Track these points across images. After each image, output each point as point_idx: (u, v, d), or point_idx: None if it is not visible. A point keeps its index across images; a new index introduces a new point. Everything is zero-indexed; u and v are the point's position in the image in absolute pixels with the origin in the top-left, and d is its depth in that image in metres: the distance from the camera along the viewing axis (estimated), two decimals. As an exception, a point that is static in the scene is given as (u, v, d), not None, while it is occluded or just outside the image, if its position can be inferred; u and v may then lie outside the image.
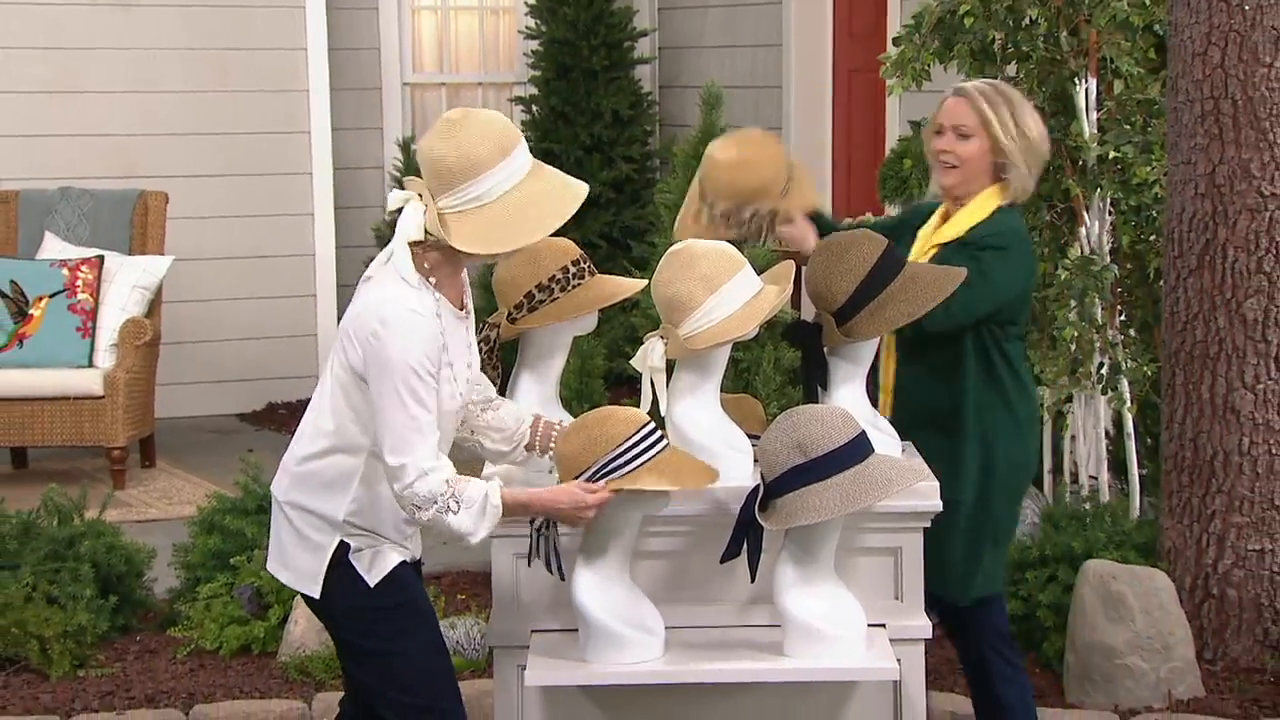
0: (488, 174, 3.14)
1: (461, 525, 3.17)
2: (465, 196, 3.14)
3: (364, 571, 3.27)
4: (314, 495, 3.27)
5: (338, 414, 3.24)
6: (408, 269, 3.16)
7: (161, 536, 5.73)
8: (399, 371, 3.11)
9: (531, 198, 3.18)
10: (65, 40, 8.13)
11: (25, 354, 7.05)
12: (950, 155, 3.82)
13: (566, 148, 9.04)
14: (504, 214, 3.15)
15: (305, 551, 3.29)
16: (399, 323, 3.12)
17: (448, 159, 3.13)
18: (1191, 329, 4.80)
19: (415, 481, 3.14)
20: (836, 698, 3.48)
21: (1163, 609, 4.56)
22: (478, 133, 3.15)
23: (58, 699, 4.71)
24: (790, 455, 3.28)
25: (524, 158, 3.21)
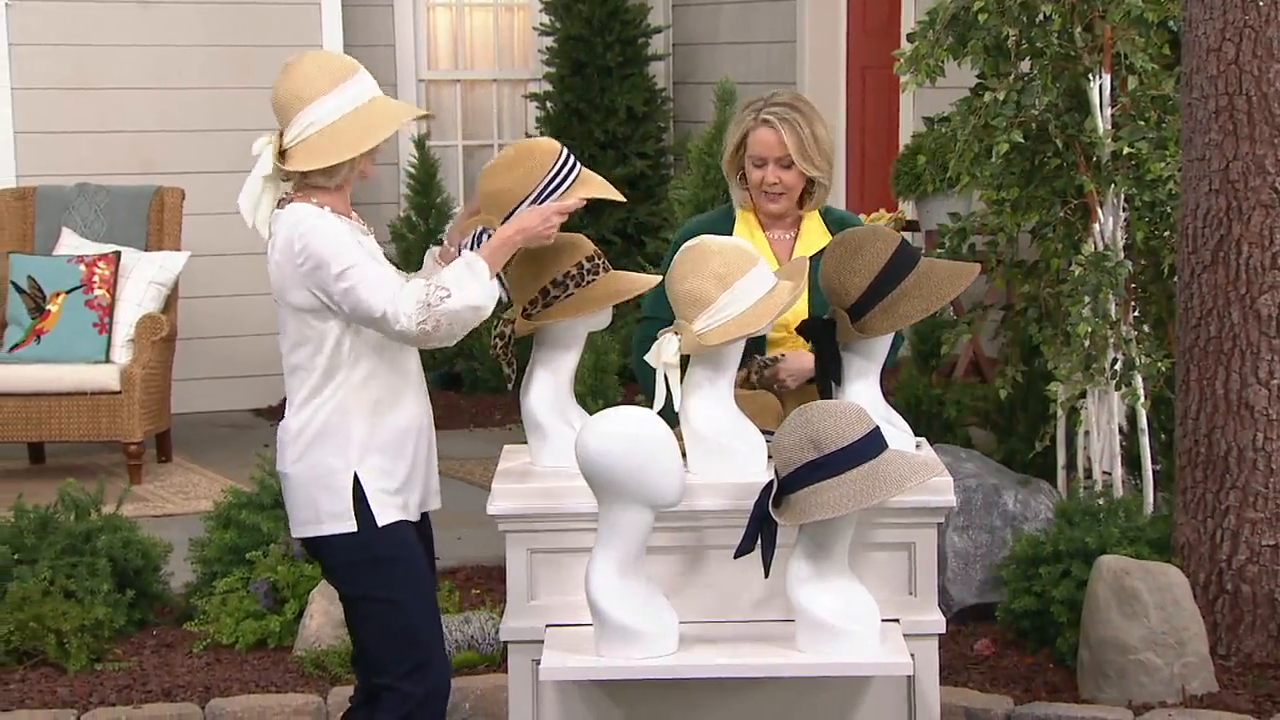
0: (316, 103, 3.39)
1: (463, 299, 3.34)
2: (300, 126, 3.41)
3: (376, 510, 3.42)
4: (316, 447, 3.43)
5: (310, 368, 3.42)
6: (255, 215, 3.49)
7: (178, 531, 5.76)
8: (333, 256, 3.35)
9: (364, 117, 3.40)
10: (84, 37, 8.16)
11: (42, 349, 7.08)
12: (778, 185, 4.05)
13: (581, 144, 9.05)
14: (334, 133, 3.39)
15: (325, 498, 3.44)
16: (310, 228, 3.38)
17: (280, 97, 3.43)
18: (1205, 325, 4.80)
19: (398, 306, 3.31)
20: (850, 693, 3.49)
21: (1177, 604, 4.56)
22: (304, 69, 3.42)
23: (75, 693, 4.73)
24: (804, 451, 3.29)
25: (359, 88, 3.42)
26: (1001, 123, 5.21)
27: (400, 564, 3.46)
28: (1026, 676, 4.77)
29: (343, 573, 3.52)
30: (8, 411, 6.96)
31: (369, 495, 3.43)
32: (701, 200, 6.18)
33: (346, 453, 3.43)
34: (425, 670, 3.49)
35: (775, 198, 4.07)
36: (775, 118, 4.03)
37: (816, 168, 4.06)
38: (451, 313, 3.34)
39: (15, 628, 4.85)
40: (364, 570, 3.47)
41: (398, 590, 3.46)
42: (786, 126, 4.02)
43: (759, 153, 4.06)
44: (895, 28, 8.48)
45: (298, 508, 3.51)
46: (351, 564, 3.48)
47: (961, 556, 5.19)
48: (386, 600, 3.47)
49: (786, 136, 4.02)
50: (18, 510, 5.23)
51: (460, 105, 9.60)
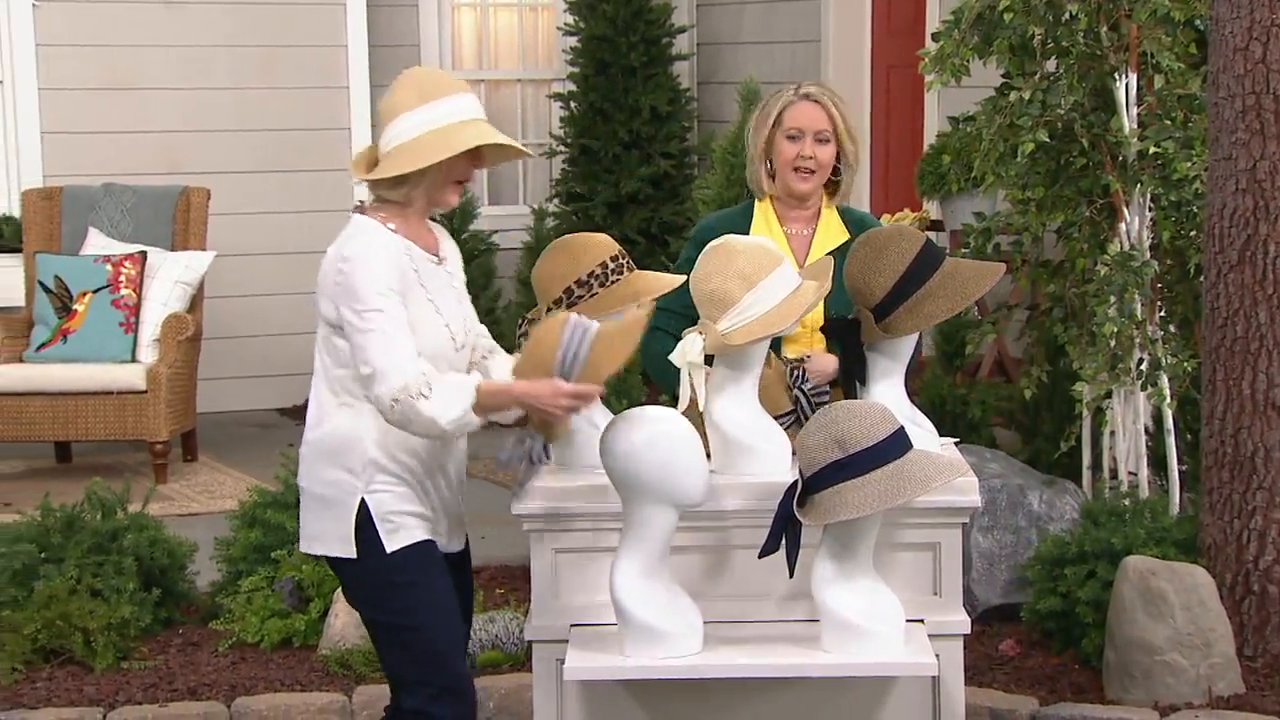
0: (403, 116, 3.35)
1: (432, 409, 3.21)
2: (388, 137, 3.38)
3: (384, 535, 3.34)
4: (328, 465, 3.36)
5: (330, 380, 3.36)
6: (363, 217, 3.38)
7: (203, 530, 5.78)
8: (364, 293, 3.26)
9: (440, 137, 3.34)
10: (110, 38, 8.19)
11: (69, 349, 7.11)
12: (813, 161, 4.00)
13: (605, 144, 9.06)
14: (405, 149, 3.33)
15: (330, 518, 3.37)
16: (358, 252, 3.31)
17: (379, 108, 3.43)
18: (1232, 324, 4.78)
19: (389, 378, 3.22)
20: (875, 693, 3.49)
21: (1203, 605, 4.55)
22: (403, 82, 3.40)
23: (101, 691, 4.75)
24: (829, 451, 3.28)
25: (452, 107, 3.36)
26: (1027, 122, 5.19)
27: (416, 587, 3.37)
28: (1052, 677, 4.76)
29: (356, 594, 3.46)
30: (35, 411, 6.99)
31: (376, 520, 3.34)
32: (725, 200, 6.18)
33: (356, 474, 3.35)
34: (452, 694, 3.41)
35: (807, 175, 4.01)
36: (817, 93, 4.04)
37: (854, 141, 4.05)
38: (415, 412, 3.21)
39: (42, 626, 4.88)
40: (378, 593, 3.39)
41: (415, 614, 3.37)
42: (830, 101, 4.02)
43: (798, 124, 4.01)
44: (920, 27, 8.47)
45: (306, 523, 3.45)
46: (365, 587, 3.41)
47: (986, 557, 5.18)
48: (404, 626, 3.38)
49: (828, 110, 4.01)
50: (44, 509, 5.26)
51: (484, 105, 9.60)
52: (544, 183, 9.60)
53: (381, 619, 3.41)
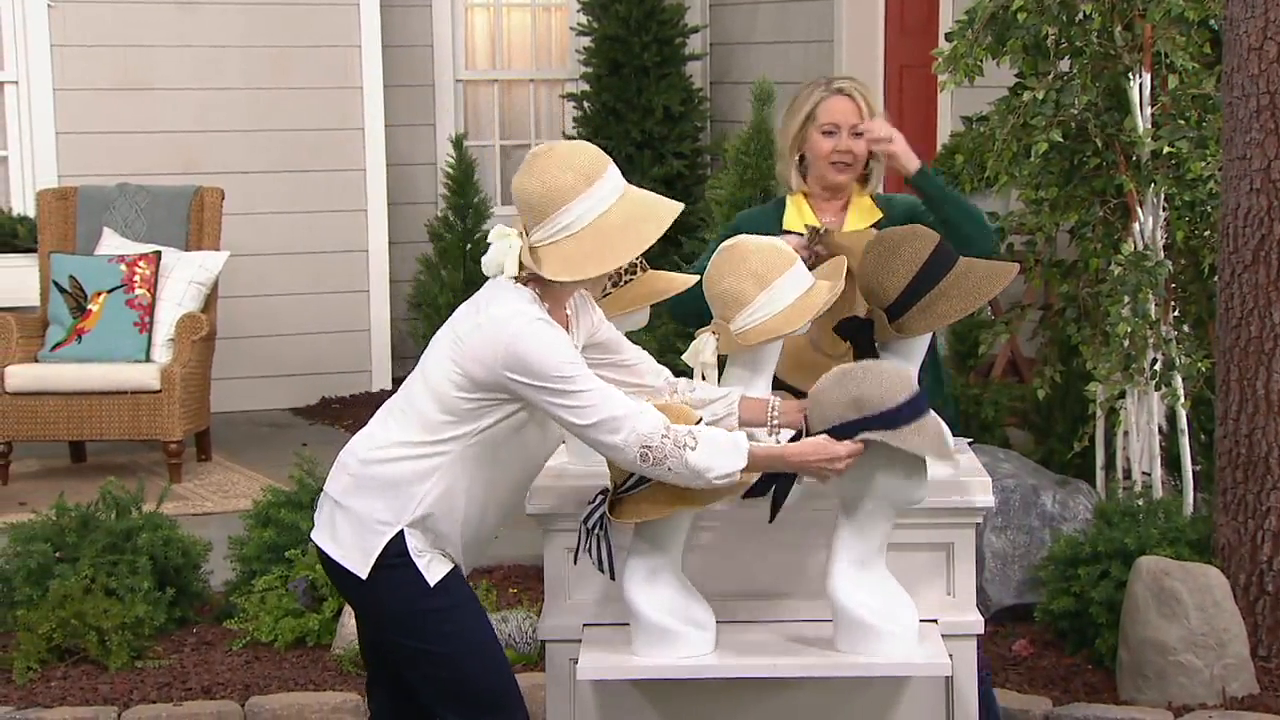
0: (574, 203, 3.19)
1: (701, 460, 3.14)
2: (555, 227, 3.20)
3: (423, 569, 3.26)
4: (374, 496, 3.26)
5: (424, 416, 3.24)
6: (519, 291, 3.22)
7: (217, 529, 5.79)
8: (552, 361, 3.14)
9: (619, 222, 3.21)
10: (124, 38, 8.21)
11: (83, 349, 7.13)
12: (849, 155, 4.00)
13: (618, 144, 9.06)
14: (592, 240, 3.19)
15: (361, 531, 3.27)
16: (530, 337, 3.16)
17: (534, 192, 3.20)
18: (1246, 325, 4.78)
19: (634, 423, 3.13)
20: (888, 693, 3.49)
21: (1217, 606, 4.54)
22: (560, 164, 3.20)
23: (116, 690, 4.77)
24: (844, 410, 3.25)
25: (612, 184, 3.23)
26: (1040, 122, 5.19)
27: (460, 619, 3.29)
28: (1065, 677, 4.76)
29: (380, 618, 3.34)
30: (49, 410, 7.01)
31: (412, 552, 3.25)
32: (739, 200, 6.18)
33: (402, 513, 3.25)
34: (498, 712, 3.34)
35: (843, 168, 4.01)
36: (849, 87, 4.05)
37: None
38: (684, 464, 3.14)
39: (57, 625, 4.89)
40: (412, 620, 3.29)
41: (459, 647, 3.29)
42: (860, 96, 4.03)
43: (833, 119, 4.02)
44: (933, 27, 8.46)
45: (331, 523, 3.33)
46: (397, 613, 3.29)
47: (1000, 557, 5.17)
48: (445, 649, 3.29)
49: (860, 104, 4.03)
50: (59, 509, 5.27)
51: (497, 105, 9.62)
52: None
53: (412, 644, 3.30)
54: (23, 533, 5.19)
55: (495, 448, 3.26)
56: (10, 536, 5.23)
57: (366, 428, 3.36)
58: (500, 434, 3.25)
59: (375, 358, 8.64)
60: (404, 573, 3.26)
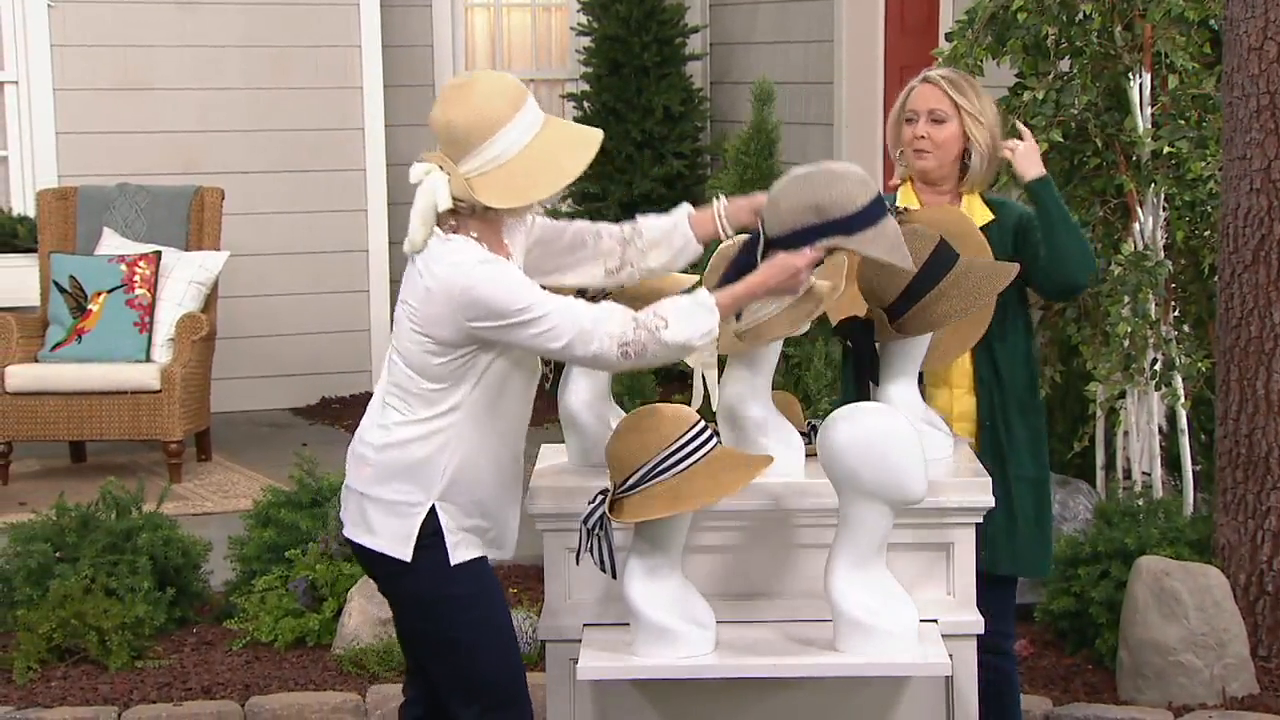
0: (503, 131, 3.18)
1: (678, 334, 3.18)
2: (485, 157, 3.18)
3: (450, 548, 3.27)
4: (400, 480, 3.28)
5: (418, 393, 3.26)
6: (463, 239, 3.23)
7: (217, 530, 5.79)
8: (507, 302, 3.16)
9: (550, 147, 3.21)
10: (124, 38, 8.21)
11: (83, 349, 7.13)
12: (926, 141, 3.93)
13: (618, 144, 9.06)
14: (526, 166, 3.19)
15: (395, 516, 3.28)
16: (479, 277, 3.17)
17: (460, 123, 3.18)
18: (1246, 325, 4.78)
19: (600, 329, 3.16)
20: (888, 693, 3.49)
21: (1217, 606, 4.54)
22: (485, 92, 3.19)
23: (116, 690, 4.77)
24: (803, 216, 3.28)
25: (535, 112, 3.24)
26: (1041, 122, 5.19)
27: (475, 605, 3.31)
28: (1065, 677, 4.76)
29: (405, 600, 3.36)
30: (49, 410, 7.01)
31: (445, 530, 3.27)
32: (739, 200, 6.16)
33: (431, 488, 3.27)
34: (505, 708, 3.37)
35: (923, 154, 3.94)
36: (934, 76, 4.00)
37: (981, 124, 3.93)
38: (662, 345, 3.18)
39: (57, 625, 4.89)
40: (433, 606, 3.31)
41: (469, 630, 3.31)
42: (947, 83, 3.96)
43: (914, 106, 3.98)
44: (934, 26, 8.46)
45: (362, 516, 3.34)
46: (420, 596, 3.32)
47: (1000, 557, 5.17)
48: (455, 640, 3.32)
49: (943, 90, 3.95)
50: (59, 509, 5.27)
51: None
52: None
53: (431, 630, 3.33)
54: (23, 533, 5.19)
55: (493, 398, 3.29)
56: (10, 536, 5.23)
57: (368, 417, 3.37)
58: (492, 383, 3.27)
59: (375, 358, 8.64)
60: (436, 554, 3.28)
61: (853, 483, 3.29)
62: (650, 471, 3.27)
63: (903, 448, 3.27)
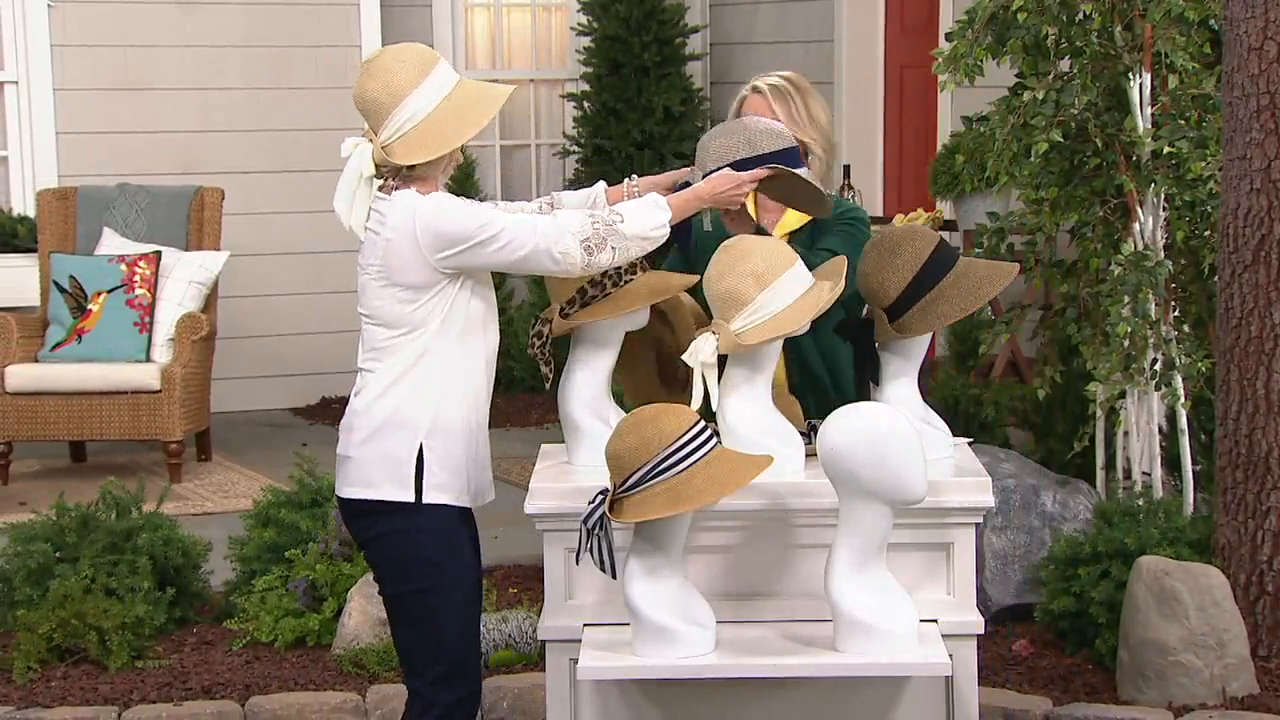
0: (411, 96, 3.39)
1: (636, 227, 3.42)
2: (399, 121, 3.40)
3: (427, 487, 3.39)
4: (388, 433, 3.40)
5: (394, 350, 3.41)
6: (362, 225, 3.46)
7: (217, 529, 5.79)
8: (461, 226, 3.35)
9: (459, 105, 3.41)
10: (124, 38, 8.21)
11: (83, 349, 7.13)
12: None
13: (618, 144, 9.06)
14: (436, 124, 3.39)
15: (389, 463, 3.41)
16: (427, 209, 3.37)
17: (374, 93, 3.41)
18: (1246, 325, 4.78)
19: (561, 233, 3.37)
20: (888, 693, 3.49)
21: (1217, 606, 4.54)
22: (392, 61, 3.41)
23: (116, 690, 4.77)
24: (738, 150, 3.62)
25: (445, 74, 3.42)
26: (1040, 122, 5.19)
27: (440, 566, 3.41)
28: (1065, 677, 4.76)
29: (381, 560, 3.46)
30: (49, 410, 7.02)
31: (425, 470, 3.40)
32: (739, 200, 6.16)
33: (416, 434, 3.40)
34: (459, 678, 3.44)
35: None
36: (767, 87, 3.99)
37: (808, 135, 3.95)
38: (621, 237, 3.40)
39: (57, 625, 4.89)
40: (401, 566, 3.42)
41: (433, 592, 3.41)
42: (776, 94, 3.97)
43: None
44: (934, 27, 8.46)
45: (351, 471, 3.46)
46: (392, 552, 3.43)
47: (1000, 557, 5.17)
48: (420, 602, 3.42)
49: (775, 104, 3.95)
50: (59, 508, 5.27)
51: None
52: (557, 183, 9.60)
53: (399, 590, 3.45)
54: (23, 533, 5.19)
55: (461, 330, 3.43)
56: (10, 536, 5.23)
57: (353, 394, 3.50)
58: (459, 315, 3.42)
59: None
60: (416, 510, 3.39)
61: (853, 483, 3.29)
62: (650, 471, 3.27)
63: (903, 448, 3.27)
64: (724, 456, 3.32)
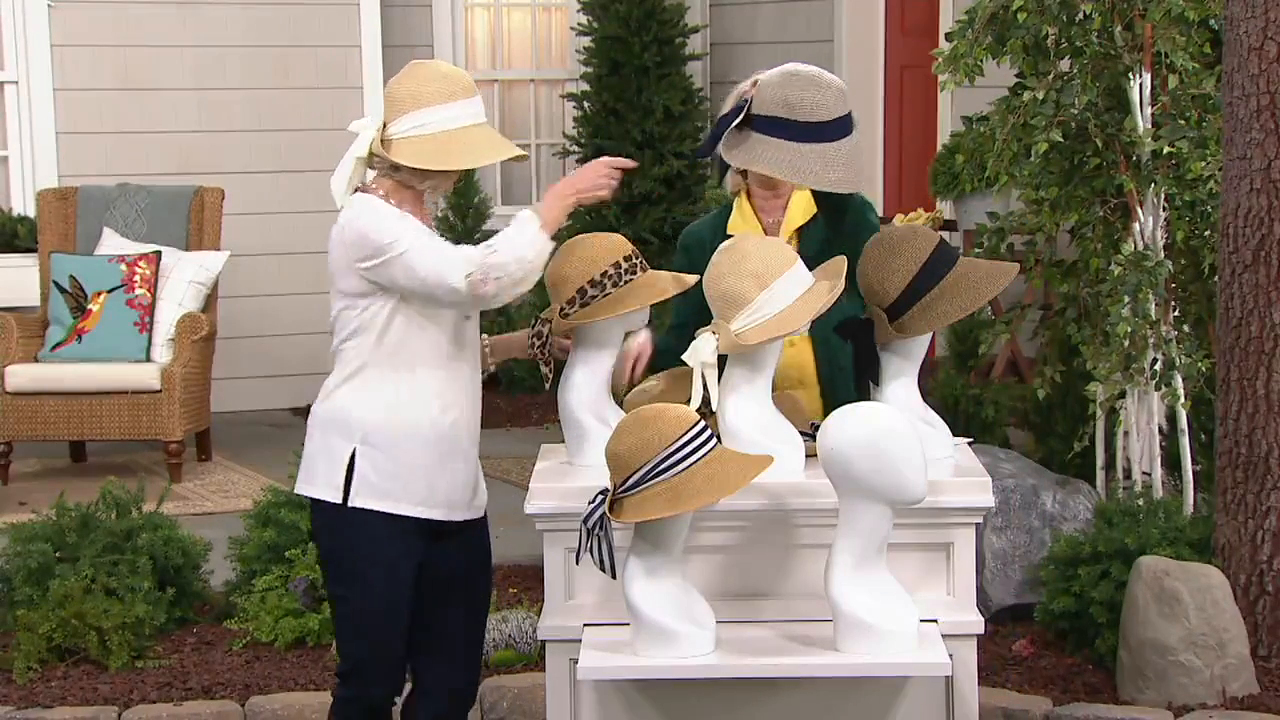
0: (430, 108, 3.46)
1: (509, 250, 3.40)
2: (409, 124, 3.48)
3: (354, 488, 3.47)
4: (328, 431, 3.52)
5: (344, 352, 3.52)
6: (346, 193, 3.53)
7: (217, 529, 5.79)
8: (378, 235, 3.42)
9: (468, 137, 3.47)
10: (125, 39, 8.21)
11: (84, 349, 7.13)
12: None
13: (618, 144, 9.05)
14: (440, 142, 3.46)
15: (325, 462, 3.52)
16: (358, 212, 3.47)
17: (404, 92, 3.50)
18: (1246, 325, 4.78)
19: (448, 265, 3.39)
20: (888, 693, 3.49)
21: (1217, 606, 4.54)
22: (430, 75, 3.51)
23: (116, 690, 4.77)
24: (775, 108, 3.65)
25: (471, 110, 3.50)
26: (1040, 122, 5.19)
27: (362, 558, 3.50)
28: (1065, 677, 4.76)
29: (319, 549, 3.63)
30: (49, 410, 7.02)
31: (356, 475, 3.49)
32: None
33: (351, 439, 3.49)
34: (354, 678, 3.57)
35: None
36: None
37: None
38: (499, 265, 3.39)
39: (57, 625, 4.89)
40: (330, 555, 3.56)
41: (352, 584, 3.52)
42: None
43: None
44: (934, 27, 8.47)
45: (303, 467, 3.59)
46: (325, 541, 3.57)
47: (1000, 557, 5.17)
48: (342, 593, 3.55)
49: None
50: (59, 508, 5.27)
51: (498, 105, 9.62)
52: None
53: (328, 577, 3.59)
54: (23, 533, 5.20)
55: (397, 351, 3.47)
56: (10, 536, 5.24)
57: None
58: (395, 338, 3.47)
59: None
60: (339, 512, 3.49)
61: (853, 483, 3.29)
62: (650, 471, 3.27)
63: (903, 448, 3.27)
64: (724, 456, 3.32)
